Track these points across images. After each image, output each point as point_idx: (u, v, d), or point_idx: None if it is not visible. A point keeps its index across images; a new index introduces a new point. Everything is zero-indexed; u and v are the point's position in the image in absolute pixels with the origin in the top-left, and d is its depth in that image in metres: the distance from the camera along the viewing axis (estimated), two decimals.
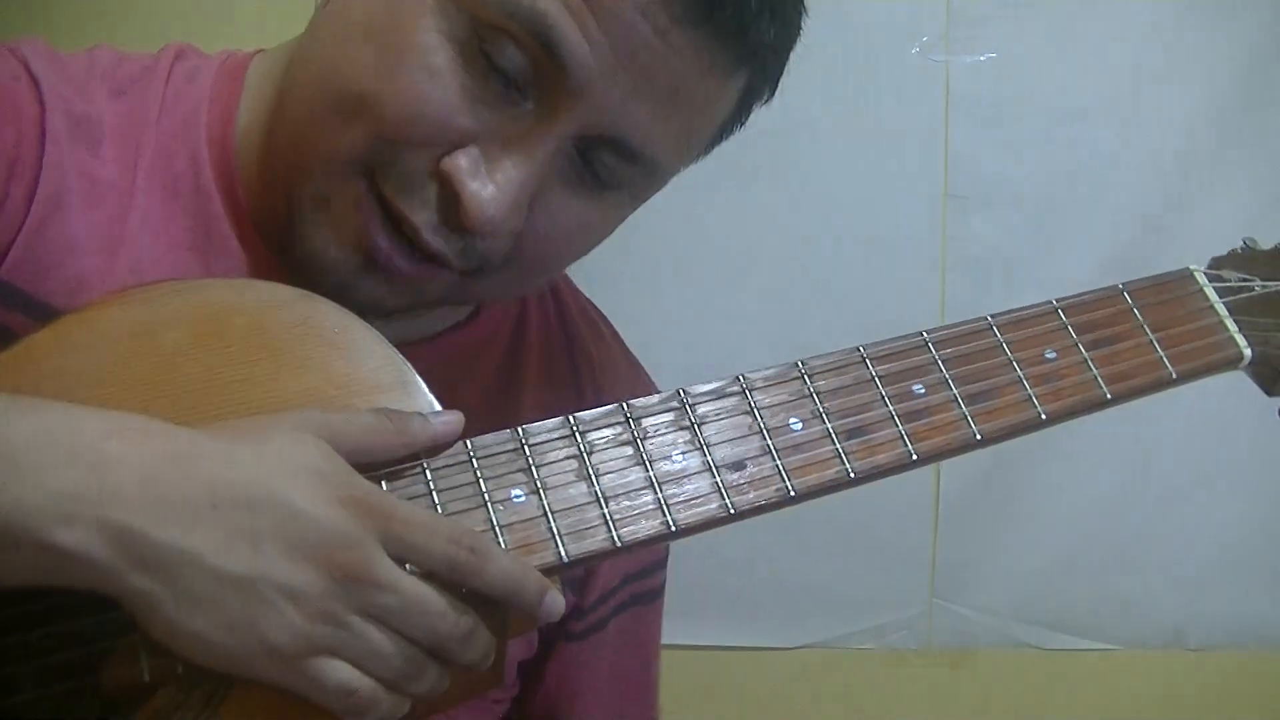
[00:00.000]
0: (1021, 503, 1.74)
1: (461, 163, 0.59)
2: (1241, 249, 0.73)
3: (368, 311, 0.63)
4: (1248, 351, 0.67)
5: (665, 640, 0.92)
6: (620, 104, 0.60)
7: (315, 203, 0.62)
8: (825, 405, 0.61)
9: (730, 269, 1.70)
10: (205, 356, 0.56)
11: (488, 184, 0.58)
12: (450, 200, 0.59)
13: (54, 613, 0.51)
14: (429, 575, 0.52)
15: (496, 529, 0.56)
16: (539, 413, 0.75)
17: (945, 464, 1.73)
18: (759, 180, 1.68)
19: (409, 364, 0.59)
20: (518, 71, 0.59)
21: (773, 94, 0.69)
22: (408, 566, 0.52)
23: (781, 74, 0.68)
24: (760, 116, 0.71)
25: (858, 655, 1.79)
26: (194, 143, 0.66)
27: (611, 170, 0.63)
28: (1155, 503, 1.73)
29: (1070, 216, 1.68)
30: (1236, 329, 0.68)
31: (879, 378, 0.63)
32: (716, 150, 0.71)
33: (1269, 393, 0.71)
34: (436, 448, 0.57)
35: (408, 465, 0.56)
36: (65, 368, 0.55)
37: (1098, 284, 1.95)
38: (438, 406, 0.58)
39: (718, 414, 0.61)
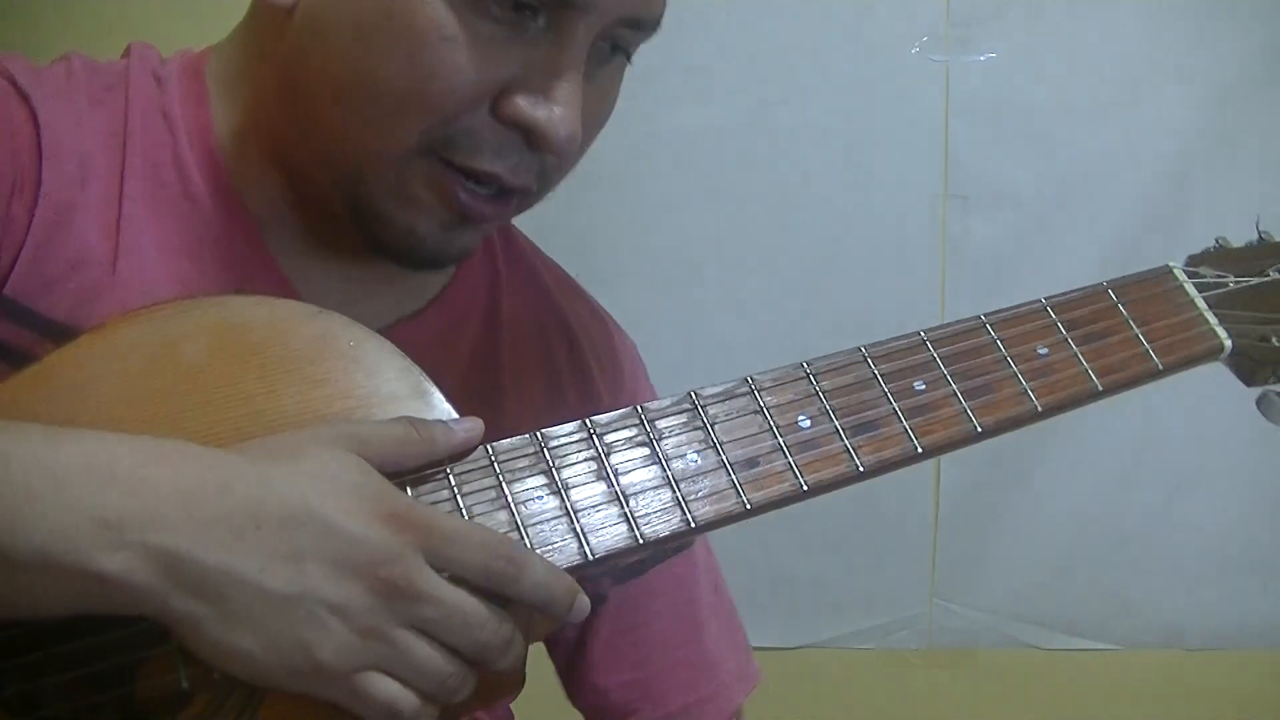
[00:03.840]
0: (1021, 503, 1.74)
1: (519, 102, 0.61)
2: (1214, 248, 0.76)
3: (455, 261, 0.69)
4: (1228, 343, 0.70)
5: None
6: None
7: (391, 192, 0.64)
8: (832, 403, 0.63)
9: (731, 269, 1.70)
10: (225, 369, 0.56)
11: (553, 108, 0.61)
12: (525, 136, 0.62)
13: (82, 625, 0.50)
14: (465, 585, 0.53)
15: (522, 529, 0.57)
16: (517, 390, 0.76)
17: (945, 465, 1.74)
18: (759, 180, 1.69)
19: (425, 374, 0.60)
20: (523, 4, 0.60)
21: None
22: (444, 576, 0.53)
23: None
24: (761, 115, 0.70)
25: (858, 655, 1.79)
26: (177, 146, 0.67)
27: (627, 45, 0.65)
28: (1154, 502, 1.73)
29: (1070, 216, 1.69)
30: (1217, 321, 0.71)
31: (881, 376, 0.64)
32: (717, 150, 0.70)
33: (1247, 383, 0.74)
34: (460, 454, 0.58)
35: (432, 471, 0.57)
36: (85, 383, 0.55)
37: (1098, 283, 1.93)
38: (454, 414, 0.59)
39: (728, 414, 0.62)
